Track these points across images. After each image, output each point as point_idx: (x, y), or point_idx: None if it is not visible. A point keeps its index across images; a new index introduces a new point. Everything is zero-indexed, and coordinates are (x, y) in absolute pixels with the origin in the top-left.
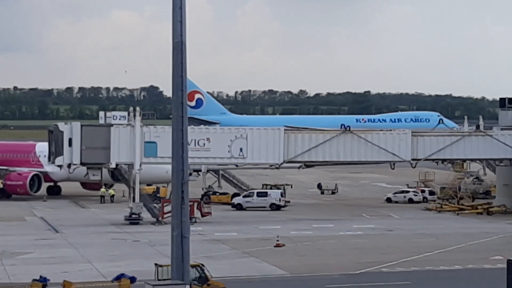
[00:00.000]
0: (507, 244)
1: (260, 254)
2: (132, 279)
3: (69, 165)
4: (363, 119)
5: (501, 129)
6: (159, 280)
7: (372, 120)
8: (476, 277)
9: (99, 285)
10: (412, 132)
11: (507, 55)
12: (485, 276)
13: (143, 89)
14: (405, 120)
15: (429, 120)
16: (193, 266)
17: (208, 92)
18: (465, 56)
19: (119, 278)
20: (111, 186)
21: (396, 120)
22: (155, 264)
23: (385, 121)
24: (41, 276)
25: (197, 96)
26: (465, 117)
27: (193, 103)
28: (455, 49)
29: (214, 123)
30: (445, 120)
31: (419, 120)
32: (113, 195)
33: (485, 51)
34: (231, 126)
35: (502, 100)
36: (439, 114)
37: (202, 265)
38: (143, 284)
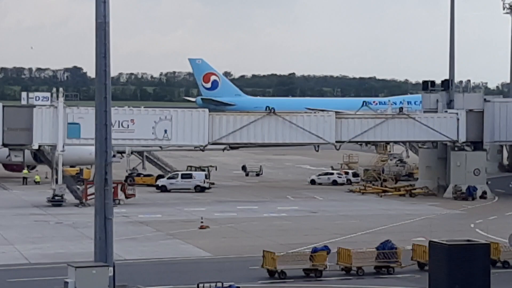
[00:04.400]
0: (429, 225)
1: (185, 236)
2: None
3: None
4: (374, 102)
5: (424, 112)
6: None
7: (383, 102)
8: None
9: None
10: (336, 114)
11: (430, 38)
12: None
13: (66, 70)
14: (408, 103)
15: None
16: None
17: (132, 74)
18: (388, 39)
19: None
20: (33, 167)
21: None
22: None
23: (395, 103)
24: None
25: (212, 78)
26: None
27: (208, 85)
28: (378, 32)
29: (230, 105)
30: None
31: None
32: (38, 182)
33: (408, 34)
34: (244, 108)
35: (425, 83)
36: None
37: None
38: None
